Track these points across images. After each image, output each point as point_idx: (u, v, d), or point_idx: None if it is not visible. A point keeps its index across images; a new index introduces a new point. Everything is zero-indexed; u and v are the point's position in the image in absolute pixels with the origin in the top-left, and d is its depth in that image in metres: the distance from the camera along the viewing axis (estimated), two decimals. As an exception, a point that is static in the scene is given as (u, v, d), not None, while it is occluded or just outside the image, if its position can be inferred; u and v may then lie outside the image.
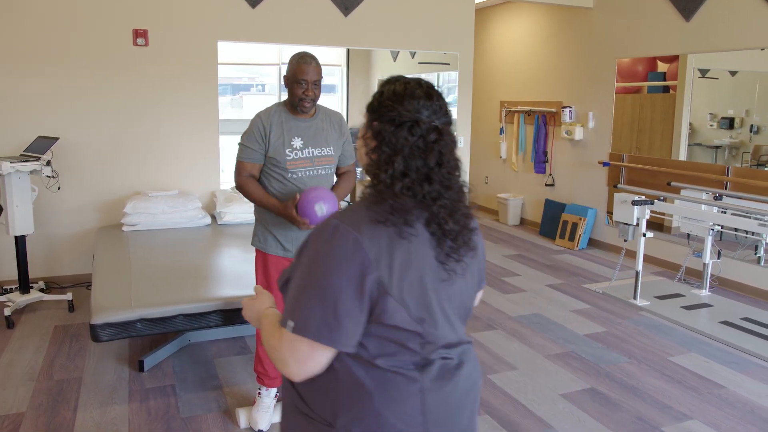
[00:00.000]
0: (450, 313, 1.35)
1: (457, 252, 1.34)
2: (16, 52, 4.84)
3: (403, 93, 1.31)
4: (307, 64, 2.72)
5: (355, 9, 5.71)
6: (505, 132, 8.24)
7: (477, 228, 1.44)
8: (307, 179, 2.81)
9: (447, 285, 1.33)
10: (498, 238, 7.22)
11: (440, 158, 1.31)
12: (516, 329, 4.36)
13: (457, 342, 1.39)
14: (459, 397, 1.37)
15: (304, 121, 2.83)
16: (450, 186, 1.32)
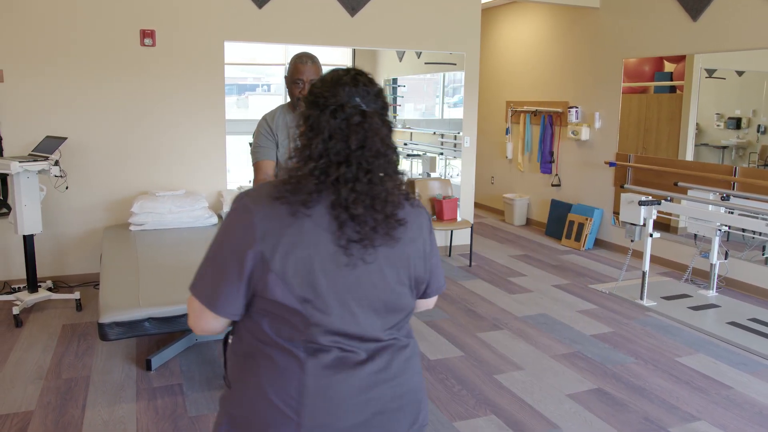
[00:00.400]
0: (351, 303, 1.30)
1: (363, 239, 1.29)
2: (25, 52, 4.86)
3: (330, 80, 1.34)
4: (304, 64, 2.74)
5: (361, 9, 5.71)
6: (511, 132, 8.23)
7: (416, 221, 1.40)
8: None
9: (348, 271, 1.29)
10: (504, 239, 7.21)
11: (364, 141, 1.29)
12: (522, 329, 4.36)
13: (367, 337, 1.34)
14: (349, 394, 1.31)
15: None
16: (370, 170, 1.30)
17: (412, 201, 1.43)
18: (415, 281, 1.41)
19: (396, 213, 1.34)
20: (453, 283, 5.45)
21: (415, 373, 1.44)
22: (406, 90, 7.21)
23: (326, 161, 1.29)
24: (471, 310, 4.74)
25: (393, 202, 1.33)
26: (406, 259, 1.38)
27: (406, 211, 1.38)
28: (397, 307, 1.38)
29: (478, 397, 3.37)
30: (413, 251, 1.39)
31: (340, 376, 1.31)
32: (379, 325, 1.35)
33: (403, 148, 7.19)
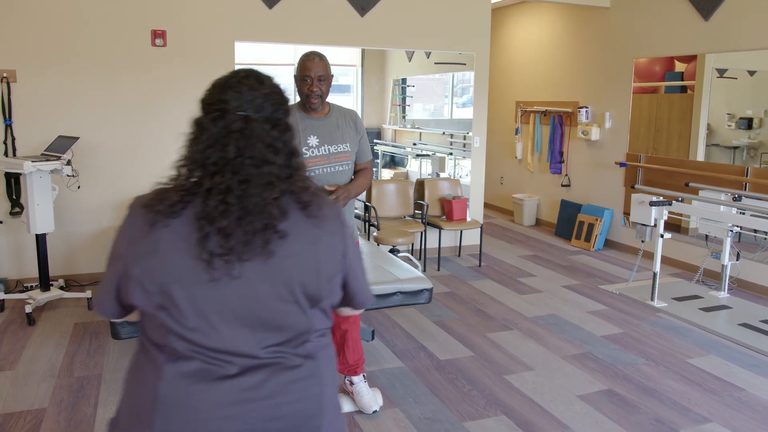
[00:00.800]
0: (214, 317, 1.23)
1: (227, 253, 1.21)
2: (38, 52, 4.90)
3: (218, 84, 1.30)
4: (311, 61, 2.76)
5: (371, 9, 5.72)
6: (521, 132, 8.21)
7: (308, 233, 1.29)
8: (324, 176, 2.83)
9: (210, 285, 1.22)
10: (513, 239, 7.20)
11: (243, 150, 1.23)
12: (532, 330, 4.35)
13: (237, 353, 1.25)
14: (206, 407, 1.23)
15: (319, 120, 2.86)
16: (248, 179, 1.23)
17: (311, 210, 1.31)
18: (309, 298, 1.29)
19: (275, 225, 1.24)
20: (462, 283, 5.45)
21: (307, 398, 1.31)
22: (415, 90, 7.21)
23: (201, 170, 1.24)
24: (481, 311, 4.74)
25: (271, 214, 1.23)
26: (288, 275, 1.26)
27: (292, 222, 1.27)
28: (280, 325, 1.27)
29: (488, 397, 3.37)
30: (297, 266, 1.27)
31: (198, 387, 1.24)
32: (254, 341, 1.26)
33: (412, 148, 7.19)
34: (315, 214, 1.31)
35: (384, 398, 3.31)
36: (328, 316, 1.38)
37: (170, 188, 1.27)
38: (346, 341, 3.12)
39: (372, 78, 6.85)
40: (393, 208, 5.98)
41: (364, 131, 2.98)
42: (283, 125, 1.31)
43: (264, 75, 1.34)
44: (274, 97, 1.30)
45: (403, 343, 4.08)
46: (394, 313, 4.61)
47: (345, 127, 2.90)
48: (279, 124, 1.30)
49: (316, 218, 1.31)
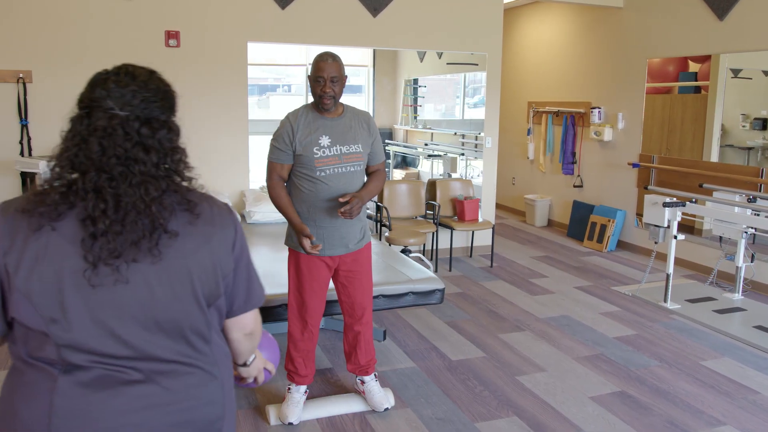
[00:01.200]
0: (111, 321, 1.19)
1: (115, 254, 1.18)
2: (52, 53, 4.94)
3: (92, 80, 1.27)
4: (324, 61, 2.77)
5: (383, 10, 5.72)
6: (533, 132, 8.19)
7: (200, 231, 1.28)
8: (335, 176, 2.83)
9: (103, 288, 1.18)
10: (525, 240, 7.18)
11: (107, 148, 1.19)
12: (544, 331, 4.34)
13: (139, 357, 1.22)
14: (107, 415, 1.20)
15: (332, 120, 2.86)
16: (114, 178, 1.19)
17: (201, 209, 1.30)
18: (207, 296, 1.28)
19: (164, 224, 1.22)
20: (474, 283, 5.44)
21: (208, 403, 1.30)
22: (427, 90, 7.21)
23: (73, 169, 1.20)
24: (492, 311, 4.73)
25: (156, 213, 1.21)
26: (186, 274, 1.25)
27: (181, 221, 1.26)
28: (180, 326, 1.25)
29: (500, 398, 3.36)
30: (194, 265, 1.26)
31: (98, 395, 1.20)
32: (155, 344, 1.23)
33: (424, 149, 7.19)
34: (204, 213, 1.30)
35: (396, 398, 3.31)
36: (223, 315, 1.37)
37: (48, 189, 1.20)
38: (358, 342, 3.12)
39: (384, 78, 6.86)
40: (405, 209, 5.98)
41: (377, 133, 2.98)
42: (157, 123, 1.27)
43: (141, 71, 1.29)
44: (145, 93, 1.25)
45: (414, 343, 4.08)
46: (405, 313, 4.61)
47: (358, 128, 2.90)
48: (151, 121, 1.25)
49: (206, 216, 1.30)
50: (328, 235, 2.89)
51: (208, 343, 1.31)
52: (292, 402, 3.05)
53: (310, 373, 3.10)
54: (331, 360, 3.79)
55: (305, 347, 3.04)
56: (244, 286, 1.39)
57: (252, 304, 1.42)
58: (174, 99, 1.36)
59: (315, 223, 2.88)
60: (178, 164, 1.31)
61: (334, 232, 2.89)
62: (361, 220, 2.97)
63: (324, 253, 2.91)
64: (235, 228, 1.36)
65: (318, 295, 2.98)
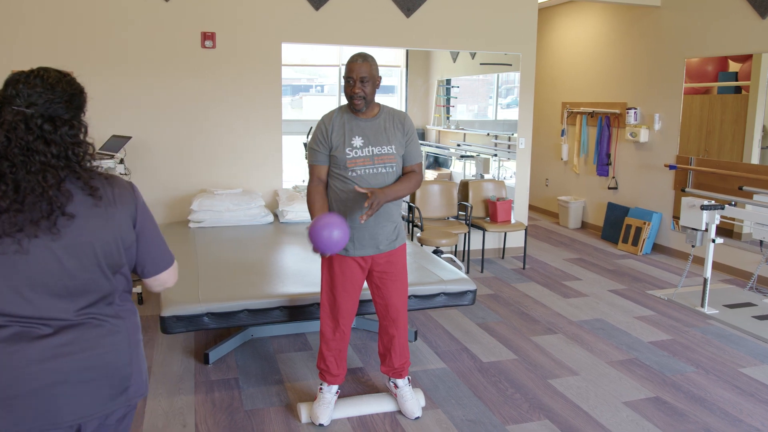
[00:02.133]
0: (24, 288, 1.43)
1: (18, 231, 1.41)
2: (93, 55, 5.06)
3: (6, 80, 1.49)
4: (354, 62, 2.79)
5: (417, 10, 5.72)
6: (567, 134, 8.10)
7: (103, 212, 1.50)
8: (367, 177, 2.84)
9: (16, 258, 1.42)
10: (558, 242, 7.10)
11: (12, 140, 1.41)
12: (577, 334, 4.29)
13: (49, 318, 1.46)
14: (25, 363, 1.44)
15: (366, 121, 2.87)
16: (16, 166, 1.41)
17: (103, 192, 1.51)
18: (111, 267, 1.53)
19: (61, 207, 1.44)
20: (506, 285, 5.41)
21: (113, 350, 1.54)
22: (460, 91, 7.18)
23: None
24: (525, 313, 4.69)
25: (53, 197, 1.42)
26: (91, 249, 1.49)
27: (85, 204, 1.48)
28: (87, 291, 1.50)
29: (531, 401, 3.33)
30: (98, 240, 1.50)
31: (16, 347, 1.44)
32: (64, 307, 1.48)
33: (457, 149, 7.16)
34: (107, 195, 1.52)
35: (426, 399, 3.31)
36: (128, 279, 1.62)
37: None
38: (393, 345, 3.12)
39: (417, 79, 6.85)
40: (437, 209, 5.97)
41: (413, 134, 2.95)
42: (60, 121, 1.48)
43: (52, 75, 1.51)
44: (50, 95, 1.47)
45: (445, 344, 4.07)
46: (437, 314, 4.61)
47: (392, 129, 2.89)
48: (54, 119, 1.47)
49: (109, 198, 1.52)
50: (360, 235, 2.90)
51: (111, 304, 1.57)
52: (323, 402, 3.07)
53: (341, 373, 3.12)
54: (362, 359, 3.80)
55: (337, 347, 3.06)
56: (151, 253, 1.64)
57: (162, 266, 1.67)
58: (81, 100, 1.58)
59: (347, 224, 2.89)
60: (82, 156, 1.50)
61: (365, 232, 2.89)
62: (393, 221, 2.97)
63: (356, 253, 2.92)
64: (136, 205, 1.60)
65: (350, 295, 2.99)
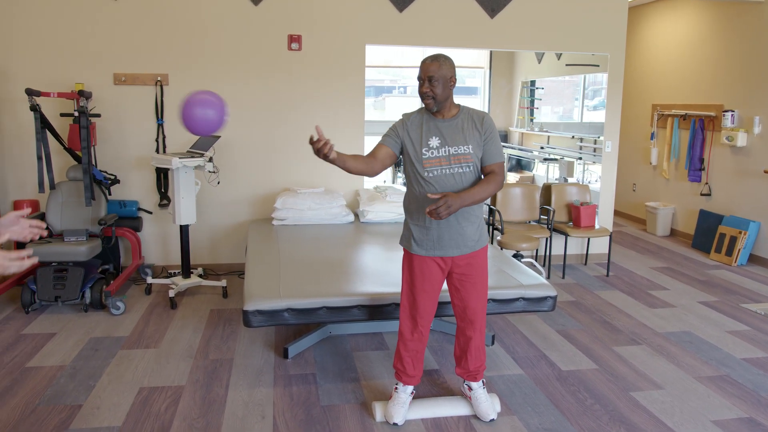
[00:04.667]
0: None
1: None
2: (186, 57, 5.30)
3: None
4: (424, 62, 2.82)
5: (501, 11, 5.65)
6: (657, 137, 7.77)
7: None
8: (443, 177, 2.83)
9: None
10: (645, 249, 6.83)
11: None
12: (663, 346, 4.11)
13: None
14: None
15: (444, 122, 2.86)
16: None
17: None
18: None
19: None
20: (588, 292, 5.25)
21: None
22: (544, 92, 7.03)
23: None
24: (607, 322, 4.54)
25: None
26: None
27: None
28: None
29: (611, 413, 3.22)
30: None
31: None
32: None
33: (540, 152, 7.02)
34: None
35: (502, 405, 3.26)
36: None
37: None
38: (469, 348, 3.10)
39: (500, 80, 6.76)
40: (518, 213, 5.87)
41: (492, 132, 2.89)
42: None
43: None
44: None
45: (523, 350, 4.00)
46: (515, 319, 4.53)
47: (470, 129, 2.87)
48: None
49: None
50: (437, 236, 2.89)
51: None
52: (398, 402, 3.09)
53: (418, 374, 3.13)
54: (438, 361, 3.79)
55: (414, 347, 3.07)
56: None
57: None
58: None
59: (424, 223, 2.90)
60: None
61: (443, 233, 2.89)
62: (474, 223, 2.94)
63: (435, 254, 2.92)
64: None
65: (430, 296, 2.99)
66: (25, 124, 5.17)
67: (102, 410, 3.14)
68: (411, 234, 2.96)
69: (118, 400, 3.25)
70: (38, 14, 5.07)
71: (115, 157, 5.36)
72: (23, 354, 3.80)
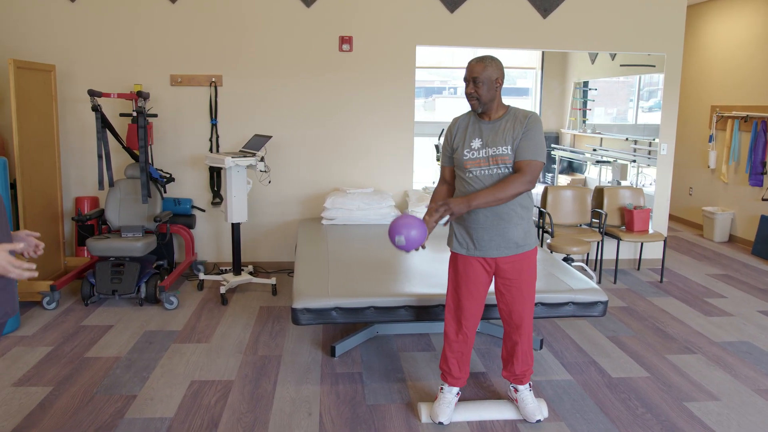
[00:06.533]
0: None
1: None
2: (240, 59, 5.41)
3: None
4: (470, 63, 2.83)
5: (554, 10, 5.57)
6: (715, 139, 7.52)
7: None
8: (483, 178, 2.83)
9: None
10: (701, 255, 6.62)
11: None
12: (719, 356, 3.98)
13: None
14: None
15: (488, 123, 2.86)
16: None
17: None
18: None
19: None
20: (641, 298, 5.12)
21: None
22: (598, 93, 6.90)
23: None
24: (660, 330, 4.42)
25: None
26: None
27: None
28: None
29: (663, 423, 3.14)
30: None
31: None
32: None
33: (592, 154, 6.89)
34: None
35: (550, 410, 3.22)
36: None
37: None
38: (516, 352, 3.07)
39: (552, 81, 6.67)
40: (568, 216, 5.77)
41: (531, 130, 2.78)
42: None
43: None
44: None
45: (572, 355, 3.94)
46: (564, 323, 4.46)
47: (511, 129, 2.81)
48: None
49: None
50: (478, 237, 2.89)
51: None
52: (443, 401, 3.08)
53: (463, 376, 3.11)
54: (485, 364, 3.77)
55: (460, 349, 3.06)
56: None
57: None
58: None
59: (465, 224, 2.91)
60: None
61: (483, 234, 2.88)
62: (518, 224, 2.90)
63: (477, 254, 2.91)
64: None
65: (475, 298, 2.98)
66: (86, 123, 5.36)
67: (155, 401, 3.24)
68: (454, 233, 2.99)
69: (171, 392, 3.35)
70: (99, 19, 5.26)
71: (171, 155, 5.51)
72: (82, 344, 3.95)
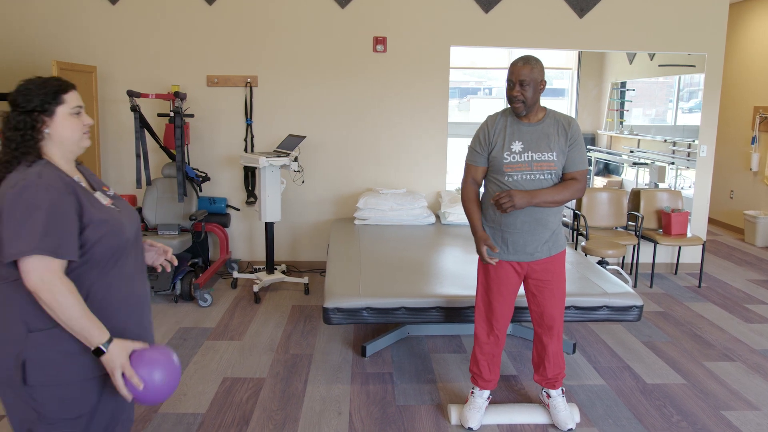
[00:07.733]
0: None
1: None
2: (274, 60, 5.46)
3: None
4: (515, 65, 2.76)
5: (591, 10, 5.49)
6: (759, 141, 7.32)
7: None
8: (523, 183, 2.77)
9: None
10: (742, 260, 6.45)
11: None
12: (760, 364, 3.87)
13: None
14: None
15: (529, 126, 2.80)
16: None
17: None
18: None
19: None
20: (678, 303, 5.02)
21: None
22: (636, 94, 6.78)
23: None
24: (698, 336, 4.32)
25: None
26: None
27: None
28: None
29: (699, 431, 3.07)
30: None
31: None
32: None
33: (629, 156, 6.77)
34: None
35: (582, 415, 3.17)
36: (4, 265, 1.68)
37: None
38: (547, 355, 3.04)
39: (588, 81, 6.57)
40: (604, 218, 5.69)
41: (577, 140, 2.81)
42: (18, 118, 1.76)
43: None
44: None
45: (606, 360, 3.87)
46: (598, 327, 4.40)
47: (555, 135, 2.80)
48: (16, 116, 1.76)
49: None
50: (513, 240, 2.85)
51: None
52: (474, 406, 3.06)
53: (494, 378, 3.09)
54: (516, 367, 3.73)
55: (490, 351, 3.04)
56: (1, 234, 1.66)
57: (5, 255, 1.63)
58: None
59: (500, 227, 2.86)
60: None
61: (519, 238, 2.84)
62: (550, 228, 2.87)
63: (509, 258, 2.88)
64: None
65: (505, 300, 2.96)
66: (125, 123, 5.48)
67: (188, 397, 3.29)
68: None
69: (203, 388, 3.40)
70: (138, 22, 5.37)
71: (207, 155, 5.60)
72: (119, 340, 4.03)
